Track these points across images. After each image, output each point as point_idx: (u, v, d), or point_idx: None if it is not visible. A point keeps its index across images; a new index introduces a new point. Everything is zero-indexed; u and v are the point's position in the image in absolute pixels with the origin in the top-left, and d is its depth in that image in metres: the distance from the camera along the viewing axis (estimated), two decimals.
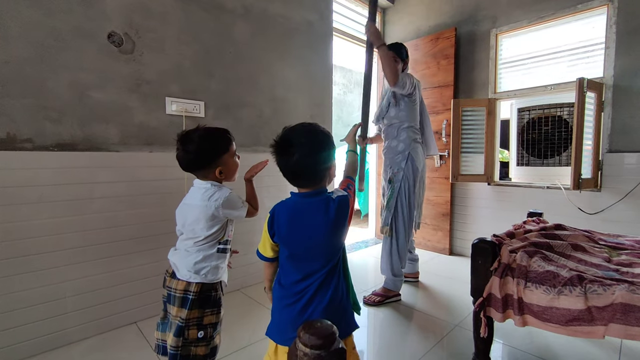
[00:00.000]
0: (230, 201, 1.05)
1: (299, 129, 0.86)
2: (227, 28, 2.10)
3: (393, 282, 2.03)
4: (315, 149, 0.84)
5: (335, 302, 0.86)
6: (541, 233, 1.46)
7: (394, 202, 1.99)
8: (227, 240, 1.10)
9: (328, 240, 0.86)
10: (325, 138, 0.87)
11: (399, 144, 2.03)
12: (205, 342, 1.03)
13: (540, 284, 1.09)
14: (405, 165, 1.99)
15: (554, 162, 2.70)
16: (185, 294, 1.02)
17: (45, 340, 1.50)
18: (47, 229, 1.50)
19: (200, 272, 1.03)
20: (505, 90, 2.73)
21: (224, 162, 1.07)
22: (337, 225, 0.86)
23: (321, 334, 0.55)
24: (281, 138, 0.86)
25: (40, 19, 1.47)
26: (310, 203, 0.86)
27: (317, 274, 0.85)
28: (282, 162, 0.85)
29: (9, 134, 1.42)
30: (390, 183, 2.03)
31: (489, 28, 2.74)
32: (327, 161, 0.86)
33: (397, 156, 2.03)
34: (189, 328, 1.01)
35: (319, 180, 0.87)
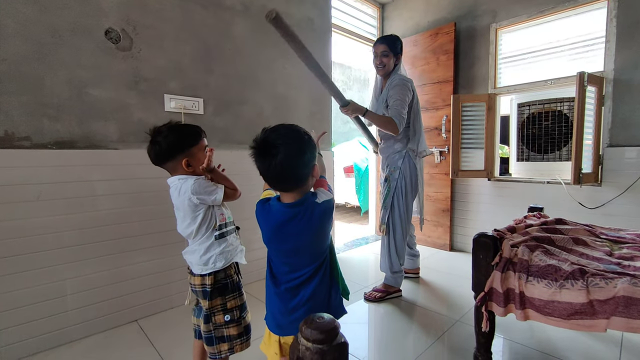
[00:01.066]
0: (198, 186, 1.03)
1: (280, 129, 0.81)
2: (226, 25, 2.08)
3: (393, 278, 2.03)
4: (298, 149, 0.79)
5: (321, 293, 0.88)
6: (542, 227, 1.45)
7: (390, 200, 1.99)
8: (221, 225, 1.10)
9: (314, 243, 0.86)
10: (307, 138, 0.83)
11: (395, 143, 2.02)
12: (235, 323, 1.10)
13: (542, 277, 1.08)
14: (402, 164, 1.98)
15: (554, 157, 2.69)
16: (203, 287, 1.08)
17: (46, 339, 1.50)
18: (46, 227, 1.49)
19: (209, 263, 1.07)
20: (505, 86, 2.72)
21: (192, 154, 1.06)
22: (323, 229, 0.86)
23: (323, 328, 0.55)
24: (262, 139, 0.80)
25: (36, 16, 1.46)
26: (295, 213, 0.83)
27: (304, 269, 0.87)
28: (264, 165, 0.79)
29: (6, 132, 1.41)
30: (386, 181, 2.03)
31: (489, 23, 2.73)
32: (310, 162, 0.83)
33: (394, 155, 2.02)
34: (214, 315, 1.08)
35: (303, 183, 0.83)
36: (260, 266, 2.28)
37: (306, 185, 0.85)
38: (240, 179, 1.19)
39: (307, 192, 0.86)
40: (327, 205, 0.85)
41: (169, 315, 1.82)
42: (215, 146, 1.89)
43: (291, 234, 0.84)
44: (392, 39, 1.97)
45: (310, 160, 0.83)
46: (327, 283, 0.89)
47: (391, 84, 1.93)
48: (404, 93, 1.88)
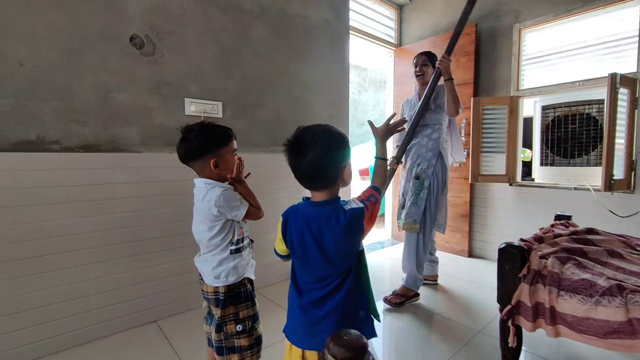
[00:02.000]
0: (223, 199, 1.00)
1: (313, 128, 0.83)
2: (245, 28, 2.10)
3: (414, 280, 2.00)
4: (328, 149, 0.80)
5: (347, 308, 0.83)
6: (572, 238, 1.38)
7: (425, 197, 1.98)
8: (238, 240, 1.08)
9: (338, 251, 0.83)
10: (340, 139, 0.83)
11: (429, 141, 2.04)
12: (247, 334, 1.07)
13: (575, 293, 1.03)
14: (435, 162, 2.00)
15: (582, 161, 2.58)
16: (216, 295, 1.06)
17: (70, 337, 1.54)
18: (71, 228, 1.53)
19: (220, 277, 1.05)
20: (529, 88, 2.63)
21: (221, 156, 1.04)
22: (347, 238, 0.82)
23: (351, 346, 0.53)
24: (294, 137, 0.82)
25: (66, 24, 1.51)
26: (321, 213, 0.82)
27: (327, 280, 0.84)
28: (295, 162, 0.82)
29: (38, 136, 1.46)
30: (418, 179, 2.02)
31: (512, 23, 2.64)
32: (340, 162, 0.82)
33: (427, 153, 2.03)
34: (226, 324, 1.06)
35: (331, 183, 0.83)
36: (275, 269, 2.28)
37: (334, 187, 0.84)
38: (257, 182, 1.18)
39: (336, 195, 0.85)
40: (355, 213, 0.81)
41: (187, 317, 1.84)
42: None
43: (316, 237, 0.82)
44: (430, 53, 2.16)
45: (339, 162, 0.82)
46: (355, 299, 0.85)
47: (440, 90, 2.03)
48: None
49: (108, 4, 1.60)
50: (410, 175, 2.08)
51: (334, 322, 0.82)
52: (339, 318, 0.82)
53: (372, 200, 0.86)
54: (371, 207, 0.84)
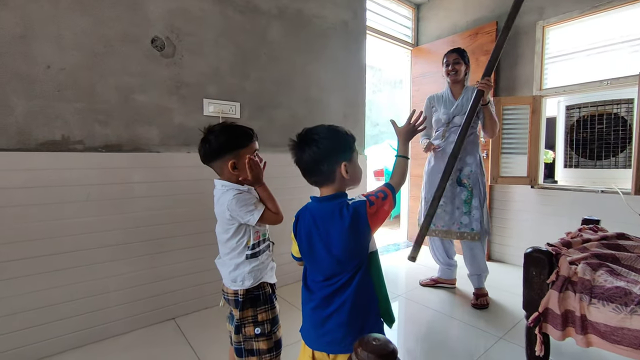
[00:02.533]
0: (235, 202, 0.99)
1: (315, 127, 0.86)
2: (263, 29, 2.11)
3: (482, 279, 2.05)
4: (324, 145, 0.82)
5: (355, 310, 0.82)
6: (602, 243, 1.32)
7: (477, 205, 1.97)
8: (254, 244, 1.06)
9: (342, 246, 0.82)
10: (339, 136, 0.85)
11: (467, 143, 1.99)
12: (266, 337, 1.05)
13: (608, 301, 0.98)
14: (477, 168, 2.00)
15: (609, 163, 2.47)
16: (235, 296, 1.05)
17: (90, 333, 1.58)
18: (93, 226, 1.57)
19: (237, 280, 1.05)
20: (553, 87, 2.54)
21: (240, 157, 1.02)
22: (352, 232, 0.81)
23: (380, 351, 0.52)
24: (299, 135, 0.87)
25: (91, 28, 1.55)
26: (324, 208, 0.84)
27: (335, 277, 0.83)
28: (296, 159, 0.87)
29: (63, 136, 1.50)
30: (464, 186, 1.99)
31: (535, 20, 2.56)
32: (336, 157, 0.83)
33: (468, 157, 2.01)
34: (244, 326, 1.05)
35: (329, 179, 0.85)
36: (289, 270, 2.27)
37: (336, 182, 0.85)
38: (273, 182, 1.16)
39: (341, 191, 0.86)
40: (357, 207, 0.81)
41: (204, 315, 1.86)
42: None
43: (321, 232, 0.83)
44: (462, 50, 2.11)
45: (336, 158, 0.83)
46: (363, 300, 0.83)
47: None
48: (492, 104, 1.98)
49: (131, 7, 1.64)
50: (451, 180, 2.00)
51: (340, 323, 0.82)
52: (346, 318, 0.81)
53: (380, 196, 0.84)
54: (377, 203, 0.82)
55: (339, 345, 0.82)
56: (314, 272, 0.87)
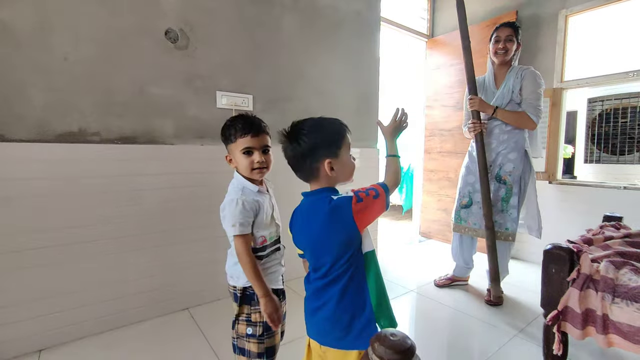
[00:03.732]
0: (225, 207, 0.98)
1: (305, 120, 0.84)
2: (276, 21, 2.09)
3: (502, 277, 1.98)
4: (308, 141, 0.80)
5: (340, 310, 0.80)
6: (626, 241, 1.27)
7: (516, 205, 1.87)
8: (258, 249, 1.02)
9: (323, 243, 0.81)
10: (325, 132, 0.82)
11: (512, 138, 1.86)
12: (257, 340, 1.01)
13: (632, 300, 0.94)
14: (521, 163, 1.85)
15: (632, 159, 2.39)
16: (235, 290, 1.05)
17: (108, 320, 1.62)
18: (109, 217, 1.60)
19: (233, 276, 1.04)
20: (574, 79, 2.44)
21: (231, 152, 1.02)
22: (331, 228, 0.79)
23: (398, 347, 0.51)
24: (288, 129, 0.86)
25: (106, 20, 1.55)
26: (310, 202, 0.85)
27: (323, 269, 0.83)
28: (283, 152, 0.86)
29: (80, 128, 1.53)
30: (504, 183, 1.88)
31: (557, 9, 2.46)
32: (319, 156, 0.80)
33: (510, 153, 1.86)
34: (238, 322, 1.03)
35: (314, 175, 0.83)
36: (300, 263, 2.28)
37: (322, 179, 0.83)
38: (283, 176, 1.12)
39: (328, 187, 0.85)
40: (340, 201, 0.79)
41: (217, 306, 1.89)
42: None
43: (307, 225, 0.85)
44: (517, 25, 1.87)
45: (319, 155, 0.81)
46: (353, 300, 0.80)
47: (526, 76, 1.83)
48: (539, 85, 1.82)
49: None
50: (491, 174, 1.92)
51: (326, 317, 0.82)
52: (331, 314, 0.81)
53: (371, 194, 0.80)
54: (366, 200, 0.79)
55: (326, 337, 0.83)
56: (310, 263, 0.89)
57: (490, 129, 1.93)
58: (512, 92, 1.84)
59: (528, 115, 1.79)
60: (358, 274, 0.82)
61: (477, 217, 1.96)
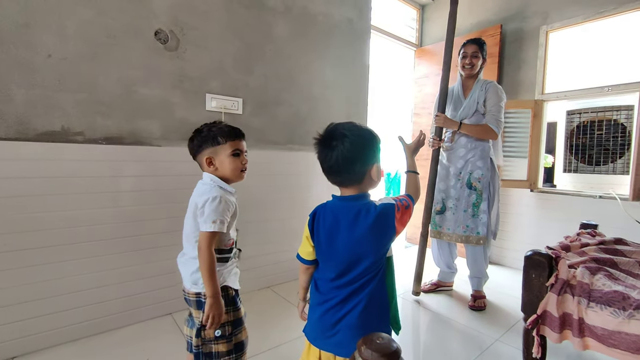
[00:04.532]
0: (207, 207, 0.96)
1: (345, 124, 0.83)
2: (268, 26, 2.10)
3: (482, 282, 2.06)
4: (357, 144, 0.80)
5: (366, 314, 0.81)
6: (601, 248, 1.33)
7: (486, 209, 1.94)
8: (222, 250, 1.02)
9: (363, 247, 0.81)
10: (371, 137, 0.84)
11: (479, 147, 1.97)
12: (225, 340, 1.03)
13: (606, 305, 0.99)
14: (488, 171, 1.96)
15: (607, 169, 2.50)
16: (198, 297, 1.03)
17: (86, 326, 1.57)
18: (93, 218, 1.56)
19: (198, 283, 1.01)
20: (554, 92, 2.55)
21: (216, 154, 1.04)
22: (376, 233, 0.81)
23: (385, 350, 0.52)
24: (325, 131, 0.84)
25: (94, 18, 1.53)
26: (349, 207, 0.83)
27: (349, 276, 0.82)
28: (322, 155, 0.83)
29: (63, 127, 1.49)
30: (474, 190, 1.97)
31: (539, 25, 2.57)
32: (368, 160, 0.82)
33: (478, 160, 1.97)
34: (205, 328, 1.00)
35: (358, 180, 0.83)
36: (288, 268, 2.27)
37: (363, 183, 0.84)
38: (273, 179, 1.16)
39: (365, 192, 0.86)
40: (385, 208, 0.81)
41: None
42: (251, 146, 1.90)
43: (343, 230, 0.82)
44: (482, 42, 1.98)
45: (369, 159, 0.82)
46: (376, 305, 0.83)
47: (489, 89, 1.94)
48: (501, 99, 1.93)
49: None
50: (457, 181, 2.02)
51: (351, 325, 0.81)
52: (356, 321, 0.81)
53: (404, 203, 0.85)
54: (402, 209, 0.84)
55: (347, 347, 0.81)
56: (328, 270, 0.86)
57: (458, 138, 2.04)
58: (477, 104, 1.97)
59: (490, 126, 1.90)
60: (382, 278, 0.85)
61: (451, 222, 2.04)
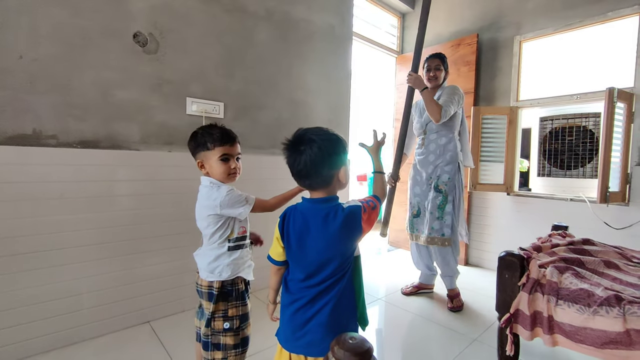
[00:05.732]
0: (228, 200, 1.04)
1: (313, 129, 0.86)
2: (249, 30, 2.10)
3: (455, 280, 2.10)
4: (324, 149, 0.82)
5: (335, 312, 0.83)
6: (570, 248, 1.39)
7: (451, 211, 2.00)
8: (237, 238, 1.11)
9: (333, 248, 0.83)
10: (337, 140, 0.86)
11: (446, 152, 2.05)
12: (233, 333, 1.08)
13: (573, 302, 1.03)
14: (455, 174, 2.02)
15: (578, 173, 2.61)
16: (210, 289, 1.08)
17: (59, 337, 1.51)
18: (66, 225, 1.51)
19: (215, 272, 1.08)
20: (528, 99, 2.66)
21: (206, 159, 1.07)
22: (345, 234, 0.83)
23: (357, 350, 0.53)
24: (293, 136, 0.86)
25: (68, 19, 1.49)
26: (318, 209, 0.85)
27: (318, 278, 0.84)
28: (291, 160, 0.85)
29: (34, 130, 1.44)
30: (440, 192, 2.03)
31: (513, 35, 2.68)
32: (336, 164, 0.85)
33: (446, 165, 2.04)
34: (214, 320, 1.08)
35: (326, 183, 0.85)
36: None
37: (331, 186, 0.87)
38: (255, 184, 1.19)
39: (333, 195, 0.88)
40: (352, 210, 0.84)
41: (181, 318, 1.81)
42: None
43: (312, 232, 0.84)
44: (443, 56, 2.12)
45: (336, 163, 0.85)
46: (344, 304, 0.85)
47: (443, 92, 2.04)
48: (454, 94, 2.00)
49: (111, 0, 1.60)
50: (428, 186, 2.09)
51: (320, 323, 0.82)
52: (326, 319, 0.82)
53: (371, 205, 0.88)
54: (368, 210, 0.86)
55: (318, 347, 0.83)
56: (297, 271, 0.87)
57: (428, 144, 2.12)
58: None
59: (441, 108, 1.93)
60: (350, 277, 0.87)
61: (422, 224, 2.10)
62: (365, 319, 0.92)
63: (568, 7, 2.41)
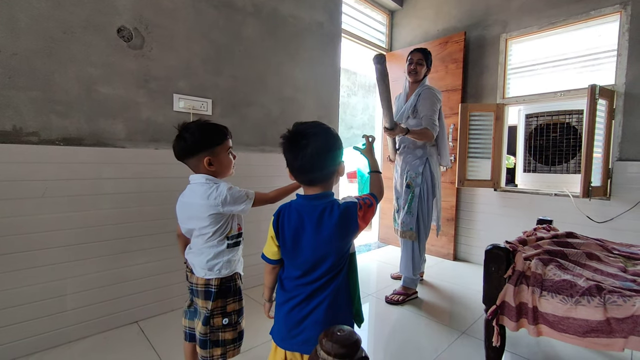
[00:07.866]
0: (230, 197, 1.04)
1: (310, 123, 0.85)
2: (237, 26, 2.08)
3: (413, 281, 2.11)
4: (328, 143, 0.82)
5: (331, 310, 0.83)
6: (554, 241, 1.43)
7: (416, 206, 2.06)
8: (235, 235, 1.11)
9: (329, 245, 0.83)
10: (337, 136, 0.87)
11: (416, 149, 2.11)
12: (232, 328, 1.09)
13: (556, 293, 1.06)
14: (423, 170, 2.08)
15: (562, 169, 2.68)
16: (207, 287, 1.07)
17: (44, 338, 1.47)
18: (49, 224, 1.47)
19: (214, 269, 1.07)
20: (514, 96, 2.71)
21: (216, 154, 1.06)
22: (341, 231, 0.83)
23: (345, 342, 0.53)
24: (293, 131, 0.83)
25: (49, 12, 1.45)
26: (314, 206, 0.84)
27: (315, 276, 0.84)
28: (292, 154, 0.83)
29: (14, 127, 1.39)
30: (409, 188, 2.10)
31: (499, 33, 2.73)
32: (337, 158, 0.85)
33: (415, 161, 2.11)
34: (213, 317, 1.07)
35: (327, 179, 0.85)
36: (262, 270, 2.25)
37: (330, 181, 0.87)
38: (246, 181, 1.18)
39: (329, 190, 0.88)
40: (348, 206, 0.84)
41: (170, 318, 1.79)
42: None
43: (308, 229, 0.83)
44: (427, 52, 2.16)
45: (337, 157, 0.85)
46: (340, 301, 0.85)
47: (422, 94, 2.07)
48: (433, 102, 2.05)
49: None
50: (403, 182, 2.16)
51: (316, 321, 0.82)
52: (322, 317, 0.82)
53: (367, 202, 0.88)
54: (364, 207, 0.86)
55: (314, 344, 0.81)
56: (293, 269, 0.87)
57: (403, 144, 2.18)
58: (412, 106, 2.11)
59: (428, 129, 2.01)
60: (346, 274, 0.87)
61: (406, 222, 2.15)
62: (361, 316, 0.92)
63: (552, 6, 2.46)
